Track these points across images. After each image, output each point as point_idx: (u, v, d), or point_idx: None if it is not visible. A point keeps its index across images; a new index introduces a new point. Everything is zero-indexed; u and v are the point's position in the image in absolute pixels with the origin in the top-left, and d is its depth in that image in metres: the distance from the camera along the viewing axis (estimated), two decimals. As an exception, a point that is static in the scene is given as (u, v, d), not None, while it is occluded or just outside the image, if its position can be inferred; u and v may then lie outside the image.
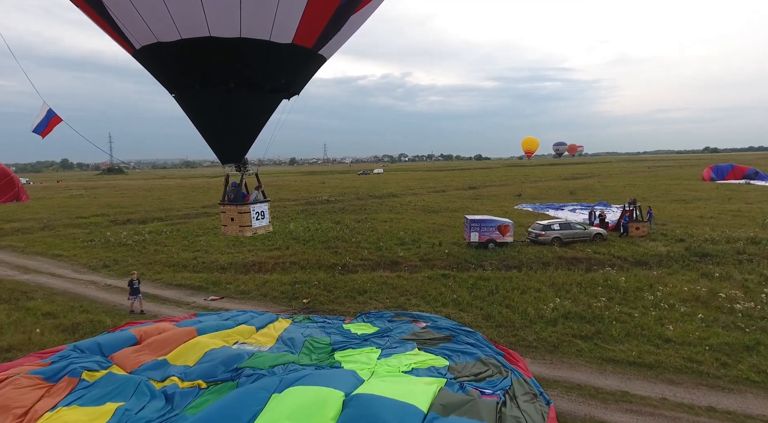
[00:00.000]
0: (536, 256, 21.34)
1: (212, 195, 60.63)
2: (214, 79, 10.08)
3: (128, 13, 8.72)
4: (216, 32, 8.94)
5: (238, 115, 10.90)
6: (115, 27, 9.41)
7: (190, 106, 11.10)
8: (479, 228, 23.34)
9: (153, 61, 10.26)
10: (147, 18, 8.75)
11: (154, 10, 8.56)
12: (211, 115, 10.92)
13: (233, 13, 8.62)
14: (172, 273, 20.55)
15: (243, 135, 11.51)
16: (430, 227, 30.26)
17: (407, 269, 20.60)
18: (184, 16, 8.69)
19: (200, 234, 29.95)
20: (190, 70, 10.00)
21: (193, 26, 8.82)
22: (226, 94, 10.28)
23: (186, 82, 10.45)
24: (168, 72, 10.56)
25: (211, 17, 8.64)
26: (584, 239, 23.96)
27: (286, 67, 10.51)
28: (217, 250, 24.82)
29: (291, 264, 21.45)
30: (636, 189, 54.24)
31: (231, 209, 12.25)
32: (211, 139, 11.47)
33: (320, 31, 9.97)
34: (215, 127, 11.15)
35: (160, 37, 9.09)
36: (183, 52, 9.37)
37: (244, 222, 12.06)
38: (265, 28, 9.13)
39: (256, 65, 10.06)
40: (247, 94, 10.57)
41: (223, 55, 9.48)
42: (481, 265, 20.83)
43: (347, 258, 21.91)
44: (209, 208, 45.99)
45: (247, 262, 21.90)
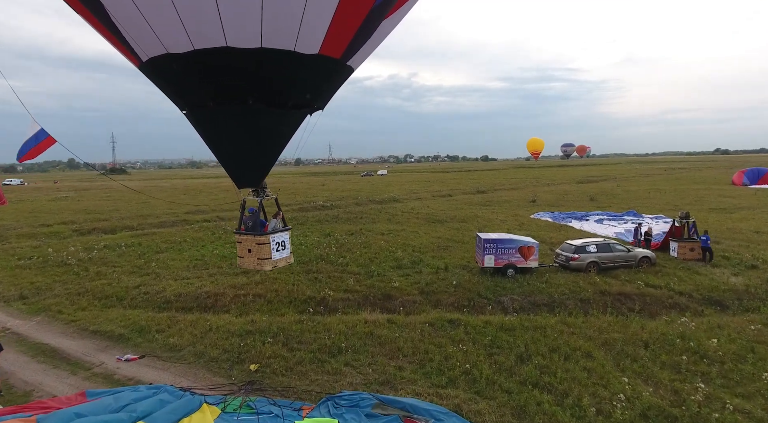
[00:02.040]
0: (571, 290, 16.48)
1: (202, 198, 56.35)
2: (230, 95, 8.92)
3: (135, 22, 7.79)
4: (233, 42, 7.86)
5: (258, 135, 9.69)
6: (120, 37, 8.43)
7: (203, 126, 9.89)
8: (495, 250, 18.52)
9: (162, 74, 9.18)
10: (156, 27, 7.78)
11: (164, 17, 7.55)
12: (227, 136, 9.69)
13: (253, 21, 7.65)
14: (98, 310, 15.90)
15: (262, 157, 10.28)
16: (434, 243, 25.47)
17: (403, 307, 15.83)
18: (198, 24, 7.67)
19: (162, 249, 25.32)
20: (204, 84, 8.87)
21: (207, 35, 7.80)
22: (244, 111, 9.10)
23: (198, 99, 9.27)
24: (178, 87, 9.40)
25: (228, 25, 7.64)
26: (628, 264, 19.06)
27: (312, 80, 9.37)
28: (172, 273, 20.15)
29: (255, 297, 16.73)
30: (664, 195, 49.13)
31: (248, 239, 10.73)
32: (227, 161, 10.28)
33: (349, 39, 8.82)
34: (232, 148, 9.93)
35: (170, 47, 8.10)
36: (195, 64, 8.31)
37: (263, 254, 10.54)
38: (290, 36, 8.10)
39: (279, 78, 8.90)
40: (268, 111, 9.28)
41: (242, 68, 8.40)
42: (499, 301, 16.01)
43: (327, 289, 17.16)
44: (192, 214, 41.52)
45: (200, 293, 17.20)
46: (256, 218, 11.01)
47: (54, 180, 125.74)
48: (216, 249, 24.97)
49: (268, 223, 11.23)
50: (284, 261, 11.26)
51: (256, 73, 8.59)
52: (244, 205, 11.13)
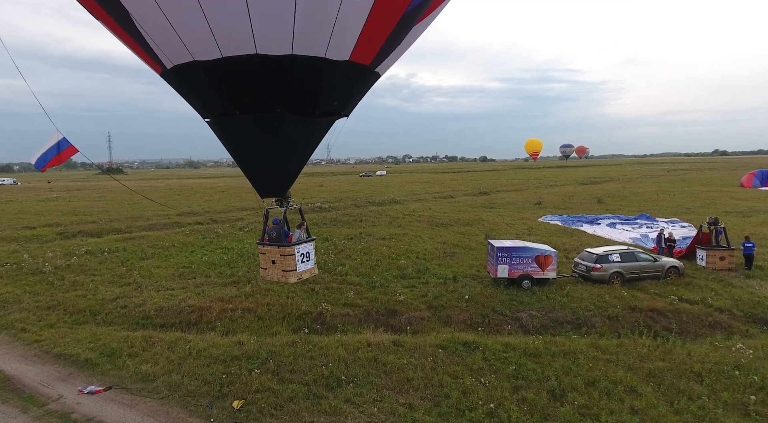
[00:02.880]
0: (596, 305, 14.80)
1: (197, 199, 54.56)
2: (258, 103, 8.69)
3: (161, 29, 7.54)
4: (264, 49, 7.64)
5: (285, 144, 9.45)
6: (144, 44, 8.20)
7: (228, 135, 9.70)
8: (509, 259, 16.84)
9: (186, 82, 8.98)
10: (183, 34, 7.55)
11: (192, 25, 7.33)
12: (254, 145, 9.49)
13: (285, 27, 7.41)
14: (68, 327, 14.16)
15: (289, 166, 10.11)
16: (439, 249, 23.78)
17: (410, 325, 14.15)
18: (227, 32, 7.42)
19: (148, 255, 23.56)
20: (231, 92, 8.65)
21: (237, 43, 7.55)
22: (271, 120, 8.87)
23: (224, 107, 9.04)
24: (204, 95, 9.17)
25: (259, 32, 7.40)
26: (655, 275, 17.38)
27: (341, 88, 9.22)
28: (156, 283, 18.41)
29: (244, 313, 15.01)
30: (673, 197, 47.53)
31: (272, 251, 10.47)
32: (252, 171, 10.10)
33: (380, 45, 8.67)
34: (258, 158, 9.73)
35: (197, 55, 7.85)
36: (223, 71, 8.07)
37: (287, 266, 10.30)
38: (321, 43, 7.83)
39: (309, 86, 8.71)
40: (296, 119, 9.02)
41: (271, 75, 8.17)
42: (517, 318, 14.34)
43: (325, 303, 15.45)
44: (184, 216, 39.78)
45: (183, 307, 15.46)
46: (281, 229, 10.58)
47: (48, 180, 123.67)
48: (205, 255, 23.23)
49: (292, 234, 10.80)
50: (309, 272, 10.93)
51: (286, 81, 8.35)
52: (267, 215, 10.79)
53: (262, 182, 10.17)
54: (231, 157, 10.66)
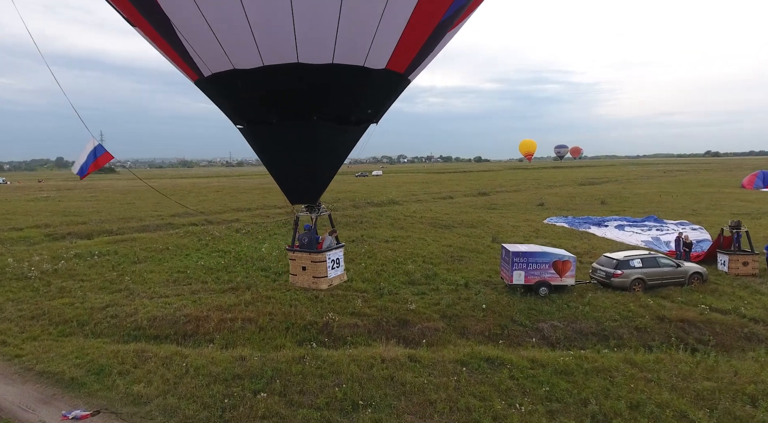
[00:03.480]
0: (621, 315, 13.89)
1: (191, 199, 53.27)
2: (295, 111, 8.59)
3: (203, 37, 7.58)
4: (305, 58, 7.66)
5: (321, 151, 9.37)
6: (183, 52, 8.19)
7: (263, 142, 9.70)
8: (526, 265, 15.90)
9: (223, 90, 8.85)
10: (225, 43, 7.58)
11: (236, 34, 7.37)
12: (289, 153, 9.38)
13: (328, 37, 7.45)
14: (52, 340, 13.05)
15: (322, 173, 10.12)
16: (446, 252, 22.82)
17: (424, 337, 13.17)
18: (271, 42, 7.48)
19: (140, 259, 22.40)
20: (268, 100, 8.58)
21: (279, 52, 7.62)
22: (307, 127, 8.75)
23: (261, 114, 8.94)
24: (241, 102, 9.04)
25: (302, 41, 7.42)
26: (677, 282, 16.50)
27: (376, 95, 9.25)
28: (149, 289, 17.29)
29: (244, 323, 13.96)
30: (677, 198, 46.89)
31: (303, 257, 10.48)
32: (285, 177, 10.11)
33: (415, 53, 8.67)
34: (291, 164, 9.63)
35: (237, 64, 7.89)
36: (263, 80, 8.06)
37: (318, 272, 10.32)
38: (361, 52, 7.91)
39: (347, 94, 8.67)
40: (331, 127, 8.93)
41: (311, 84, 8.12)
42: (538, 329, 13.41)
43: (331, 312, 14.43)
44: (178, 216, 38.55)
45: (178, 317, 14.37)
46: (312, 235, 10.49)
47: (39, 179, 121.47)
48: (201, 259, 22.11)
49: (323, 240, 10.67)
50: (338, 279, 10.94)
51: (324, 89, 8.37)
52: (297, 221, 10.79)
53: (294, 189, 10.21)
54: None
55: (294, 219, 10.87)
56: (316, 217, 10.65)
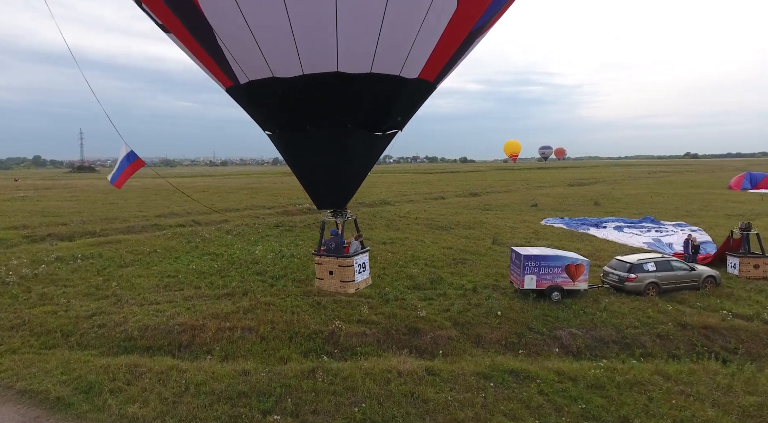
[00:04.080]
0: (641, 322, 13.32)
1: (175, 199, 51.64)
2: (330, 119, 8.67)
3: (245, 46, 7.69)
4: (345, 67, 7.80)
5: (352, 158, 9.48)
6: (221, 59, 8.22)
7: (295, 149, 9.71)
8: (537, 269, 15.27)
9: (259, 97, 8.86)
10: (267, 51, 7.72)
11: (279, 43, 7.52)
12: (321, 159, 9.41)
13: (368, 47, 7.64)
14: (34, 353, 11.97)
15: (352, 180, 10.18)
16: (447, 255, 22.12)
17: (436, 346, 12.44)
18: (313, 51, 7.59)
19: (127, 262, 21.24)
20: (305, 108, 8.67)
21: (319, 61, 7.72)
22: (342, 135, 8.88)
23: (295, 122, 9.02)
24: (274, 109, 9.15)
25: (343, 52, 7.57)
26: (691, 285, 16.05)
27: (407, 103, 9.42)
28: (138, 296, 16.24)
29: (244, 333, 13.05)
30: (668, 199, 46.98)
31: (330, 261, 10.48)
32: (314, 183, 10.18)
33: (446, 61, 8.87)
34: (322, 171, 9.66)
35: (277, 72, 8.00)
36: (301, 88, 8.17)
37: (346, 276, 10.33)
38: (398, 61, 8.08)
39: (381, 102, 8.80)
40: (364, 134, 9.08)
41: (347, 92, 8.24)
42: (556, 337, 12.76)
43: (337, 320, 13.59)
44: (165, 217, 37.28)
45: (172, 326, 13.39)
46: (339, 240, 10.61)
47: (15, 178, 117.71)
48: (192, 262, 21.05)
49: (348, 245, 10.79)
50: (364, 282, 11.04)
51: (360, 97, 8.48)
52: (323, 226, 10.81)
53: (322, 195, 10.25)
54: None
55: (320, 224, 10.84)
56: (343, 222, 10.63)
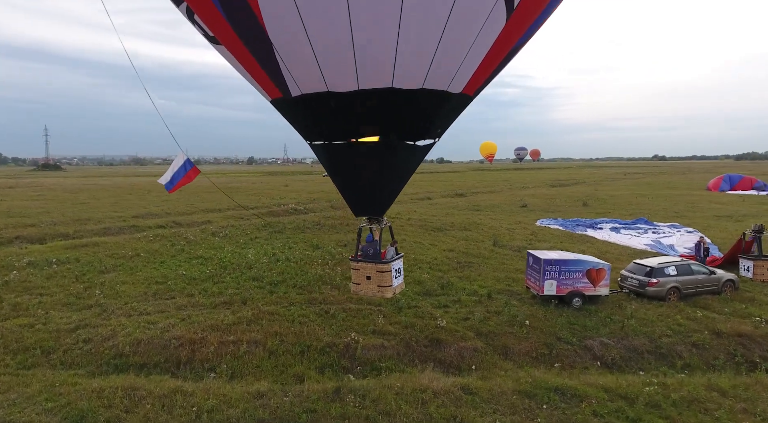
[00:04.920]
0: (672, 330, 12.69)
1: (151, 199, 49.45)
2: (378, 131, 8.98)
3: (303, 60, 7.81)
4: (399, 83, 8.03)
5: (395, 168, 9.86)
6: (275, 72, 8.33)
7: (340, 159, 9.81)
8: (558, 273, 14.53)
9: (310, 110, 8.98)
10: (325, 66, 7.83)
11: (338, 58, 7.66)
12: (366, 170, 9.66)
13: (423, 64, 7.89)
14: (11, 374, 10.49)
15: (392, 189, 10.44)
16: (450, 258, 21.27)
17: (462, 359, 11.51)
18: (371, 67, 7.79)
19: (109, 267, 19.62)
20: (355, 121, 8.85)
21: (376, 77, 7.95)
22: (387, 146, 9.20)
23: (342, 134, 9.22)
24: (323, 121, 9.21)
25: (400, 67, 7.79)
26: (711, 290, 15.58)
27: (449, 116, 9.74)
28: (125, 305, 14.80)
29: (251, 346, 11.84)
30: (653, 200, 47.36)
31: (368, 267, 10.64)
32: (355, 192, 10.40)
33: (486, 77, 9.25)
34: (365, 181, 9.88)
35: (333, 86, 8.16)
36: (354, 102, 8.36)
37: (384, 282, 10.52)
38: (447, 78, 8.38)
39: (427, 116, 9.12)
40: (406, 146, 9.41)
41: (399, 107, 8.50)
42: (587, 348, 11.99)
43: (351, 331, 12.52)
44: (142, 217, 35.42)
45: (168, 340, 12.08)
46: (376, 246, 10.74)
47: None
48: (180, 267, 19.60)
49: (385, 251, 10.91)
50: (399, 287, 11.23)
51: (409, 111, 8.72)
52: (360, 232, 11.01)
53: (362, 203, 10.47)
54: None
55: (357, 230, 11.07)
56: (381, 228, 10.81)
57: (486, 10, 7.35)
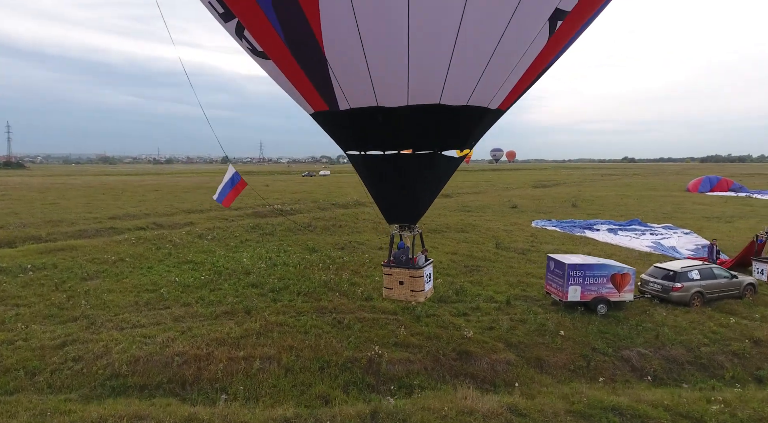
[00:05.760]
0: (708, 338, 12.13)
1: (126, 199, 47.27)
2: (420, 144, 9.39)
3: (357, 76, 8.09)
4: (447, 100, 8.41)
5: (431, 179, 10.33)
6: (324, 86, 8.56)
7: (377, 169, 10.23)
8: (582, 279, 13.86)
9: (357, 123, 9.24)
10: (378, 82, 8.17)
11: (392, 75, 7.99)
12: (402, 180, 10.03)
13: (470, 83, 8.28)
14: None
15: (427, 198, 10.85)
16: (456, 261, 20.48)
17: (496, 373, 10.66)
18: (422, 83, 8.09)
19: (91, 274, 18.08)
20: (400, 134, 9.25)
21: (425, 93, 8.29)
22: (429, 159, 9.58)
23: (384, 145, 9.61)
24: (368, 134, 9.56)
25: (450, 85, 8.13)
26: (734, 294, 15.19)
27: (483, 130, 10.18)
28: (115, 316, 13.44)
29: (264, 363, 10.72)
30: (639, 202, 47.72)
31: (401, 272, 11.01)
32: (390, 201, 10.81)
33: (520, 93, 9.62)
34: (403, 191, 10.31)
35: (383, 101, 8.51)
36: (402, 117, 8.71)
37: (417, 286, 10.92)
38: (489, 95, 8.82)
39: (467, 130, 9.64)
40: (444, 157, 9.85)
41: (443, 121, 8.94)
42: (625, 359, 11.31)
43: (373, 344, 11.52)
44: (120, 218, 33.54)
45: (169, 356, 10.84)
46: (408, 253, 11.15)
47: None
48: (170, 273, 18.22)
49: (416, 257, 11.25)
50: (430, 292, 11.61)
51: (452, 126, 9.12)
52: (392, 239, 11.30)
53: (397, 211, 10.80)
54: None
55: (390, 236, 11.34)
56: (414, 236, 11.14)
57: (533, 35, 7.77)
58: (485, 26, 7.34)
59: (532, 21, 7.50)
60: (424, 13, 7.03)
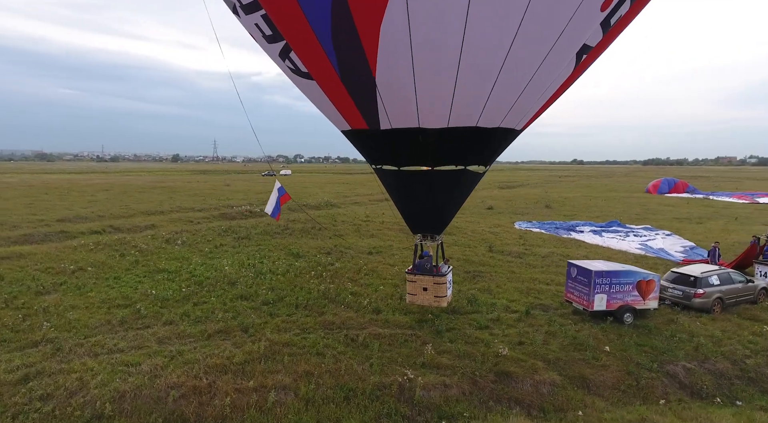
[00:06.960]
0: (748, 348, 11.52)
1: (74, 199, 43.30)
2: (450, 161, 10.03)
3: (403, 99, 8.59)
4: (484, 123, 9.07)
5: (460, 192, 11.16)
6: (368, 107, 9.09)
7: (410, 184, 10.81)
8: (608, 287, 13.02)
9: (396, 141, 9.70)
10: (424, 106, 8.64)
11: (438, 100, 8.49)
12: (431, 193, 10.72)
13: (506, 107, 8.89)
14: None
15: (453, 210, 11.72)
16: (454, 266, 19.29)
17: (542, 397, 9.54)
18: (465, 107, 8.66)
19: (48, 287, 15.65)
20: (437, 153, 9.78)
21: (466, 116, 8.87)
22: (458, 174, 10.29)
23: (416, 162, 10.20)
24: (405, 153, 10.02)
25: (489, 109, 8.74)
26: (748, 299, 14.85)
27: (505, 148, 10.87)
28: (86, 340, 11.36)
29: (279, 394, 9.10)
30: (608, 203, 48.54)
31: (425, 279, 12.00)
32: (416, 211, 11.51)
33: (539, 116, 10.40)
34: (429, 204, 11.02)
35: (425, 123, 9.03)
36: (440, 138, 9.28)
37: (440, 293, 11.94)
38: (519, 118, 9.52)
39: (493, 148, 10.37)
40: (470, 173, 10.55)
41: (476, 142, 9.60)
42: (671, 375, 10.50)
43: (398, 366, 10.13)
44: (70, 221, 30.34)
45: (163, 391, 9.02)
46: (431, 261, 11.90)
47: None
48: (143, 283, 16.07)
49: (439, 265, 11.93)
50: (450, 297, 12.43)
51: (482, 145, 9.77)
52: (416, 248, 11.97)
53: (422, 222, 11.50)
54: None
55: (414, 245, 11.87)
56: (438, 244, 11.95)
57: (563, 66, 8.50)
58: (526, 61, 7.99)
59: (564, 55, 8.29)
60: (476, 50, 7.55)
